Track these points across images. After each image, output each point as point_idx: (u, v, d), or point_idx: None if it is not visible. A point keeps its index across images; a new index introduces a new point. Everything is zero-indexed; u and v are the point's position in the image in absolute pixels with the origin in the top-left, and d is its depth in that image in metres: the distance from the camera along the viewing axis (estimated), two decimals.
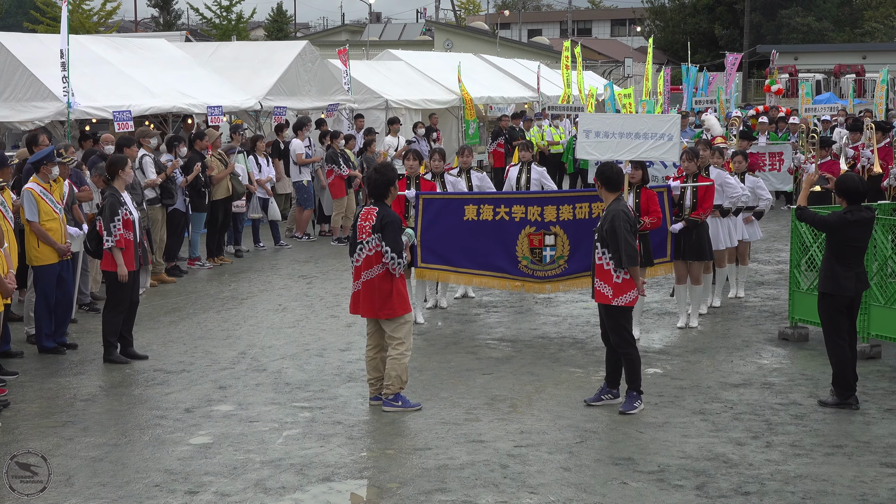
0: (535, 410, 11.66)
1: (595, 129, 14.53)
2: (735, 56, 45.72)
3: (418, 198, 15.31)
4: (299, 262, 21.29)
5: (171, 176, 18.72)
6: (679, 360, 13.81)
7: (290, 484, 9.51)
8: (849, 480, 9.60)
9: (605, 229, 11.43)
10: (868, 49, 69.22)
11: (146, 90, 22.92)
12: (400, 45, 61.85)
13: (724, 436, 10.79)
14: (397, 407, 11.55)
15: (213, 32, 70.20)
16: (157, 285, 18.32)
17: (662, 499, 9.20)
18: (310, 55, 28.80)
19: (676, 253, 15.10)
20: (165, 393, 12.33)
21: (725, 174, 16.27)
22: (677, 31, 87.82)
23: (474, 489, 9.37)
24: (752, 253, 19.11)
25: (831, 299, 11.77)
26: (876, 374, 13.00)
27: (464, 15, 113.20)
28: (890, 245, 13.73)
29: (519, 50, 68.08)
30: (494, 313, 16.59)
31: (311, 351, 14.25)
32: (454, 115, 35.32)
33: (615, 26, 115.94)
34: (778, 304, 16.75)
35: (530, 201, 15.28)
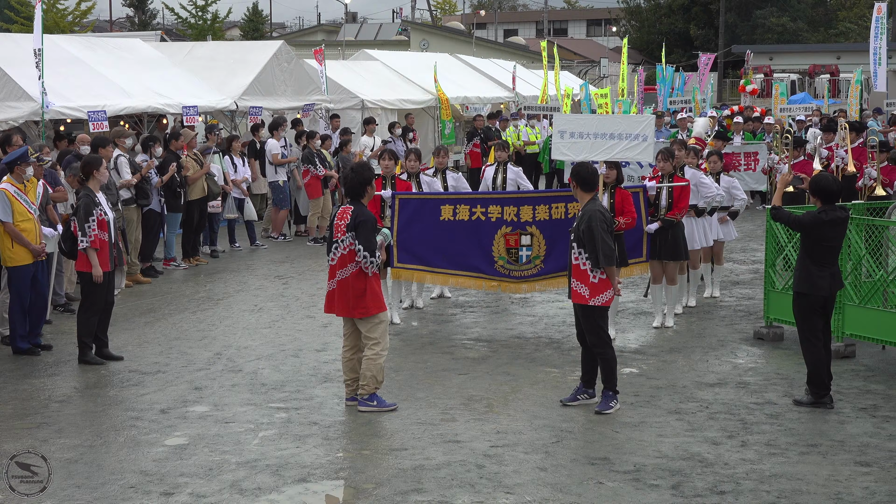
0: (511, 410, 11.67)
1: (570, 129, 14.53)
2: (708, 56, 45.85)
3: (394, 198, 15.30)
4: (275, 262, 21.25)
5: (147, 176, 18.67)
6: (655, 359, 13.84)
7: (266, 485, 9.50)
8: (823, 479, 9.63)
9: (582, 229, 11.41)
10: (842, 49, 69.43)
11: (121, 90, 22.85)
12: (376, 45, 61.82)
13: (699, 435, 10.82)
14: (373, 407, 11.54)
15: (189, 32, 69.99)
16: (133, 286, 18.26)
17: (638, 498, 9.21)
18: (285, 55, 28.76)
19: (652, 253, 15.13)
20: (141, 394, 12.30)
21: (700, 174, 16.30)
22: (653, 31, 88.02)
23: (450, 489, 9.38)
24: (727, 252, 19.20)
25: (806, 299, 11.82)
26: (850, 373, 13.06)
27: (440, 15, 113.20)
28: (864, 245, 13.79)
29: (495, 50, 68.11)
30: (471, 313, 16.60)
31: (286, 351, 14.23)
32: (430, 116, 35.32)
33: (591, 26, 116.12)
34: (753, 304, 16.81)
35: (506, 201, 15.29)
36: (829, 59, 63.79)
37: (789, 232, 14.02)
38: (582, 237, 11.44)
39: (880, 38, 28.19)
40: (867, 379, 12.86)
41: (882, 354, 13.86)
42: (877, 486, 9.47)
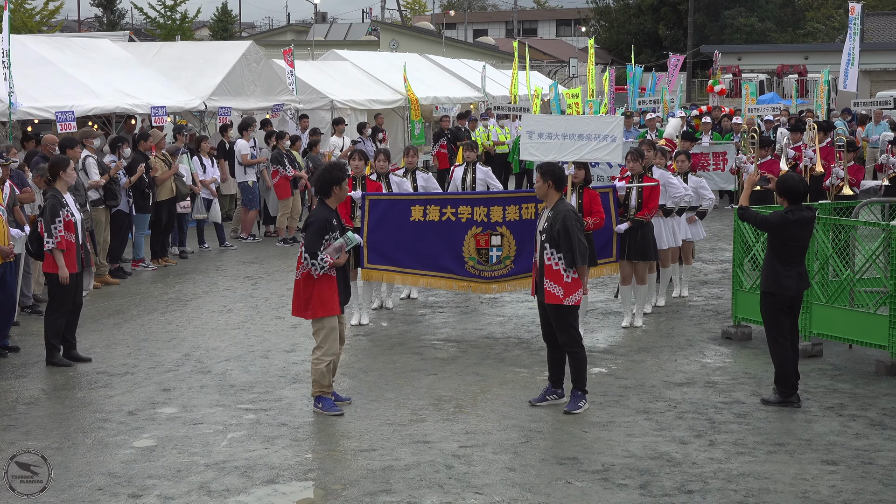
0: (480, 411, 11.68)
1: (538, 130, 14.55)
2: (678, 57, 45.99)
3: (364, 198, 15.30)
4: (244, 263, 21.21)
5: (115, 177, 18.61)
6: (623, 359, 13.88)
7: (235, 486, 9.48)
8: (790, 478, 9.68)
9: (557, 229, 11.36)
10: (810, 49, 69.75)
11: (89, 91, 22.75)
12: (346, 45, 61.72)
13: (667, 435, 10.85)
14: (319, 410, 11.54)
15: (158, 32, 69.79)
16: (101, 287, 18.19)
17: (607, 498, 9.24)
18: (254, 55, 28.70)
19: (622, 253, 15.18)
20: (109, 396, 12.26)
21: (668, 174, 16.36)
22: (622, 31, 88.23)
23: (419, 490, 9.38)
24: (695, 252, 19.24)
25: (773, 298, 11.87)
26: (817, 372, 13.12)
27: (409, 15, 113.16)
28: (831, 244, 13.86)
29: (465, 50, 68.15)
30: (440, 314, 16.60)
31: (255, 352, 14.21)
32: (400, 116, 35.31)
33: (561, 26, 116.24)
34: (721, 304, 16.87)
35: (476, 202, 15.32)
36: (797, 60, 64.09)
37: (757, 232, 14.08)
38: (556, 237, 11.39)
39: (854, 39, 28.33)
40: (834, 378, 12.93)
41: (849, 354, 13.93)
42: (843, 485, 9.52)
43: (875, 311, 13.39)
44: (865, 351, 13.67)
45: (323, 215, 11.43)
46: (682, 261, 17.42)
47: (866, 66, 54.19)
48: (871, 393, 12.29)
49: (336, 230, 11.40)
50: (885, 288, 13.34)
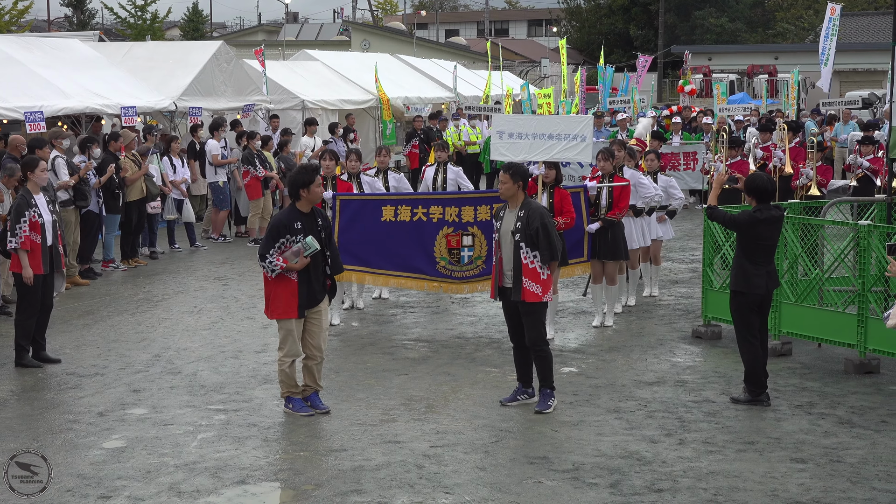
0: (451, 410, 11.69)
1: (508, 130, 14.58)
2: (646, 58, 46.12)
3: (335, 199, 15.28)
4: (215, 263, 21.17)
5: (85, 177, 18.53)
6: (594, 358, 13.91)
7: (205, 487, 9.46)
8: (760, 476, 9.72)
9: (536, 227, 11.38)
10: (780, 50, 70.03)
11: (59, 91, 22.65)
12: (317, 46, 61.69)
13: (637, 434, 10.88)
14: (289, 410, 11.53)
15: (128, 32, 69.46)
16: (71, 288, 18.10)
17: (577, 497, 9.26)
18: (225, 55, 28.63)
19: (592, 252, 15.19)
20: (78, 397, 12.21)
21: (639, 174, 16.44)
22: (593, 31, 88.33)
23: (390, 490, 9.38)
24: (665, 252, 19.33)
25: (743, 297, 11.92)
26: (787, 370, 13.19)
27: (381, 15, 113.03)
28: (800, 244, 13.93)
29: (436, 50, 68.13)
30: (411, 314, 16.60)
31: (226, 353, 14.18)
32: (371, 116, 35.29)
33: (532, 27, 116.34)
34: (691, 303, 16.93)
35: (448, 202, 15.33)
36: (767, 60, 64.35)
37: (726, 231, 14.14)
38: (534, 235, 11.39)
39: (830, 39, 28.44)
40: (803, 376, 12.99)
41: (818, 352, 14.00)
42: (812, 483, 9.57)
43: (844, 310, 13.47)
44: (834, 349, 13.74)
45: (283, 218, 11.36)
46: (651, 260, 17.47)
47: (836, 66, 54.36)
48: (839, 391, 12.36)
49: (299, 233, 11.22)
50: (853, 287, 13.42)
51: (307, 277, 11.34)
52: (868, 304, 12.94)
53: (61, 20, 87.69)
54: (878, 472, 9.82)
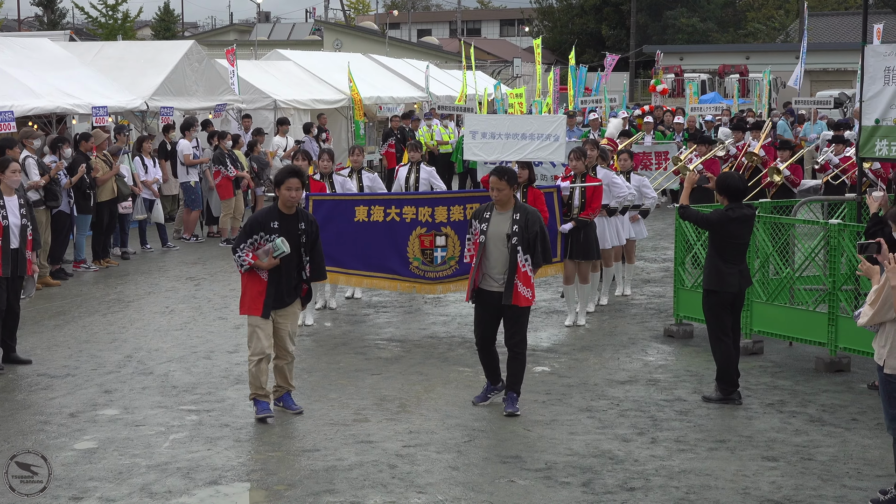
0: (423, 410, 11.69)
1: (481, 130, 14.65)
2: (613, 56, 46.27)
3: (308, 199, 15.24)
4: (187, 263, 21.11)
5: (55, 178, 18.46)
6: (567, 357, 13.94)
7: (177, 488, 9.43)
8: (731, 474, 9.76)
9: (536, 231, 11.34)
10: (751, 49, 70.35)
11: (29, 90, 22.53)
12: (289, 45, 61.53)
13: (610, 432, 10.91)
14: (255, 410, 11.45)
15: (99, 32, 69.22)
16: (42, 288, 18.02)
17: (550, 496, 9.27)
18: (196, 55, 28.54)
19: (565, 252, 15.22)
20: (49, 398, 12.16)
21: (612, 174, 16.47)
22: (565, 31, 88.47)
23: (363, 490, 9.37)
24: (638, 251, 19.37)
25: (716, 296, 11.95)
26: (758, 369, 13.24)
27: (353, 15, 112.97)
28: (771, 243, 13.99)
29: (408, 50, 68.12)
30: (384, 313, 16.60)
31: (198, 353, 14.14)
32: (343, 116, 35.26)
33: (504, 26, 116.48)
34: (663, 302, 16.97)
35: (421, 202, 15.33)
36: (738, 60, 64.58)
37: (698, 230, 14.19)
38: (533, 240, 11.35)
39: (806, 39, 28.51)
40: (774, 375, 13.05)
41: (789, 351, 14.06)
42: (783, 480, 9.61)
43: (814, 308, 13.54)
44: (805, 348, 13.80)
45: (261, 215, 11.30)
46: (625, 259, 17.51)
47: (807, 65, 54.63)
48: (810, 389, 12.41)
49: (274, 233, 11.10)
50: (824, 286, 13.49)
51: (277, 278, 11.20)
52: (839, 303, 13.01)
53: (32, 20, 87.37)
54: (849, 470, 9.87)
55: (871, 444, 10.53)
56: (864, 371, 13.00)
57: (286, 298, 11.32)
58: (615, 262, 17.14)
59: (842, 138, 21.22)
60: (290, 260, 11.21)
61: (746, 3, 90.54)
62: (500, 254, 11.38)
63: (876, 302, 8.68)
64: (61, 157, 19.01)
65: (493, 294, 11.46)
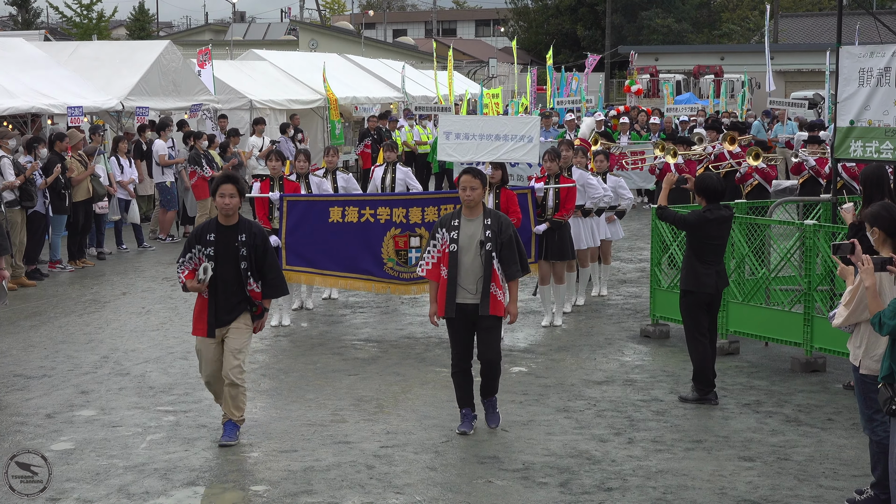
0: (401, 410, 11.69)
1: (455, 130, 14.60)
2: (594, 57, 46.32)
3: (282, 199, 15.24)
4: (163, 264, 21.05)
5: (31, 178, 18.40)
6: (544, 358, 13.96)
7: (154, 489, 9.42)
8: (708, 474, 9.79)
9: (510, 235, 10.73)
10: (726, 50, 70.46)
11: (3, 90, 22.47)
12: (264, 45, 61.46)
13: (587, 433, 10.93)
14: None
15: (74, 31, 68.93)
16: (17, 289, 17.97)
17: (527, 496, 9.29)
18: (172, 55, 28.48)
19: (540, 253, 15.23)
20: (26, 399, 12.12)
21: (587, 175, 16.51)
22: (540, 31, 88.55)
23: (340, 490, 9.38)
24: (614, 251, 19.41)
25: (693, 296, 11.99)
26: (734, 369, 13.28)
27: (328, 15, 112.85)
28: (747, 243, 14.04)
29: (384, 50, 68.12)
30: (360, 314, 16.59)
31: (175, 354, 14.11)
32: (319, 116, 35.23)
33: (480, 27, 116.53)
34: (640, 302, 17.01)
35: (395, 203, 15.33)
36: (713, 60, 64.69)
37: (674, 231, 14.23)
38: (506, 245, 10.71)
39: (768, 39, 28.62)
40: (751, 375, 13.09)
41: (765, 351, 14.11)
42: (760, 480, 9.65)
43: (790, 308, 13.60)
44: (781, 348, 13.86)
45: (199, 228, 10.68)
46: (601, 260, 17.54)
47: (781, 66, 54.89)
48: (786, 389, 12.47)
49: (210, 246, 10.42)
50: (799, 286, 13.55)
51: (214, 295, 10.47)
52: (814, 303, 13.07)
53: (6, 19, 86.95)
54: (825, 470, 9.92)
55: (846, 444, 10.58)
56: (839, 371, 13.06)
57: (225, 316, 10.50)
58: (591, 263, 17.16)
59: (817, 138, 21.26)
60: (228, 276, 10.44)
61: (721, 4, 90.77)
62: (476, 262, 10.65)
63: (850, 303, 8.73)
64: (37, 158, 18.95)
65: (468, 307, 10.72)
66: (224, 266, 10.39)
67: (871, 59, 13.85)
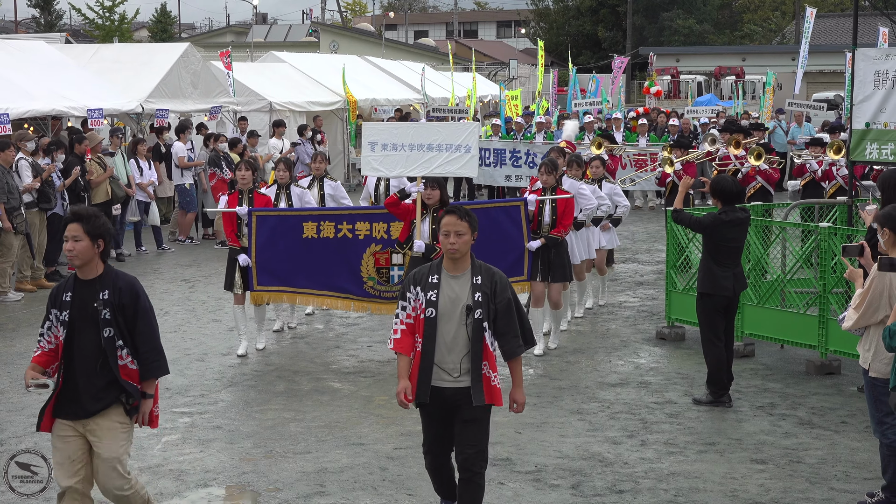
0: (414, 413, 11.67)
1: (381, 140, 13.27)
2: (622, 59, 46.26)
3: (250, 214, 14.08)
4: (182, 266, 21.14)
5: (49, 180, 18.51)
6: (558, 360, 13.97)
7: (169, 490, 9.48)
8: (720, 477, 9.81)
9: (508, 299, 8.05)
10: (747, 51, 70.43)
11: (24, 93, 22.57)
12: (286, 47, 61.61)
13: (600, 435, 10.96)
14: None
15: (96, 33, 69.18)
16: (37, 291, 18.07)
17: (539, 499, 9.32)
18: (192, 57, 28.56)
19: (534, 272, 13.90)
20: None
21: (579, 184, 14.98)
22: (561, 32, 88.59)
23: (353, 492, 9.42)
24: (631, 253, 19.37)
25: (710, 299, 11.99)
26: (749, 372, 13.29)
27: (350, 16, 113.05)
28: (761, 245, 14.05)
29: (404, 51, 68.18)
30: (377, 316, 16.56)
31: (192, 356, 14.18)
32: (339, 118, 35.29)
33: (501, 28, 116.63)
34: (656, 304, 17.01)
35: (375, 217, 14.25)
36: (734, 61, 64.69)
37: (689, 233, 14.23)
38: (500, 312, 8.04)
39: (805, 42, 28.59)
40: (765, 378, 13.10)
41: (780, 353, 14.11)
42: (771, 483, 9.66)
43: (805, 311, 13.59)
44: (796, 351, 13.85)
45: (55, 288, 8.27)
46: (597, 271, 16.66)
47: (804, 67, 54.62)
48: (800, 392, 12.47)
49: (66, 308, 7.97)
50: (814, 289, 13.54)
51: (71, 376, 7.94)
52: (829, 306, 13.06)
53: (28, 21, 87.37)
54: (837, 473, 9.92)
55: (859, 447, 10.59)
56: (854, 374, 13.02)
57: (87, 406, 7.88)
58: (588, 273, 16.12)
59: (820, 141, 21.13)
60: (85, 348, 7.81)
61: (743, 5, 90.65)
62: (461, 333, 8.01)
63: (860, 305, 8.74)
64: (54, 160, 19.05)
65: (445, 392, 8.11)
66: (82, 335, 7.82)
67: (887, 62, 13.86)
